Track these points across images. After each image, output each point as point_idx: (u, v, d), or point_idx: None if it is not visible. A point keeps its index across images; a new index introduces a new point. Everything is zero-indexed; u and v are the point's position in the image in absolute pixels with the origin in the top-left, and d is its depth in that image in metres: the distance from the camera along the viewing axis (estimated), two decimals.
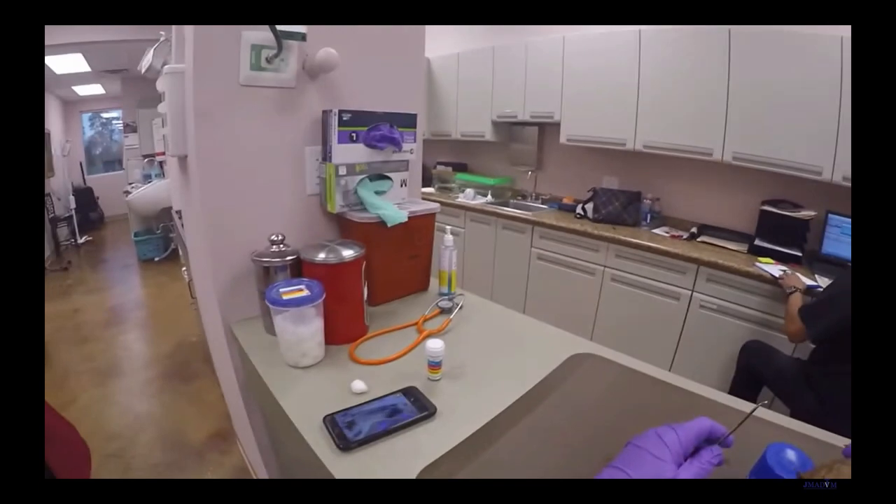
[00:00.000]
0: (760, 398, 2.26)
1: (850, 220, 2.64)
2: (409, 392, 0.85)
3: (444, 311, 1.23)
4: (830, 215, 2.72)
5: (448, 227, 1.35)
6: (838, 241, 2.73)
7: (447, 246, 1.24)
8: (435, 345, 0.89)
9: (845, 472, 0.53)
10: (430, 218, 1.34)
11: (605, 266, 2.80)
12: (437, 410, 0.80)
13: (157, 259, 5.26)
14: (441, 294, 1.26)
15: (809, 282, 2.26)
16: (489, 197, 3.53)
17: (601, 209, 2.97)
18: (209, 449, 2.13)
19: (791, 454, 0.59)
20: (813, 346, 1.99)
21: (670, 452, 0.54)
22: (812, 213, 2.70)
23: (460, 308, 1.24)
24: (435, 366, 0.90)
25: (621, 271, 2.75)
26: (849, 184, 2.42)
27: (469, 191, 3.60)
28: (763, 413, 0.97)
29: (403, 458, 0.71)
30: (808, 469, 0.57)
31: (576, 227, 2.87)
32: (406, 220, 1.20)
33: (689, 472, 0.53)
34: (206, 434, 2.23)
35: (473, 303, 1.32)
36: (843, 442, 0.91)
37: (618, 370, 1.02)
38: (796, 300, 2.01)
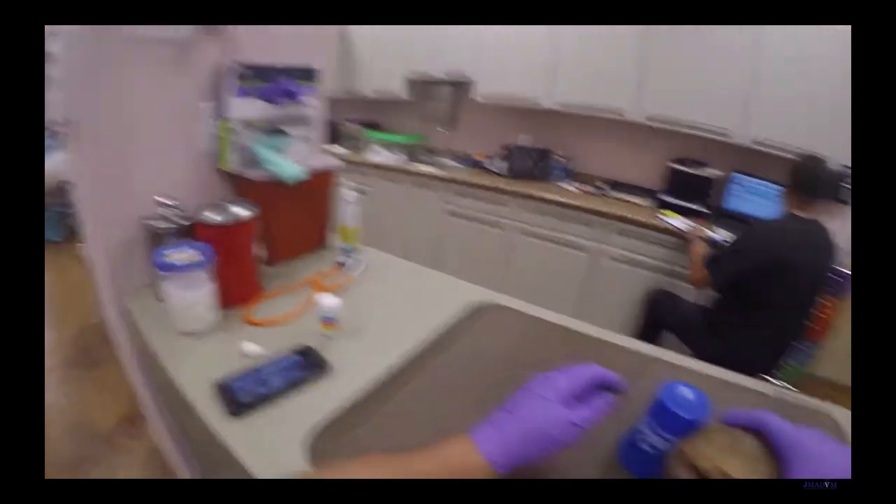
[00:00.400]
0: (666, 345, 2.41)
1: (754, 178, 2.84)
2: (304, 352, 0.82)
3: (344, 267, 1.18)
4: (735, 175, 2.89)
5: (348, 182, 1.30)
6: (741, 198, 2.90)
7: (348, 201, 1.19)
8: (328, 301, 0.85)
9: (731, 466, 0.49)
10: (330, 174, 1.27)
11: (515, 221, 2.80)
12: (332, 368, 0.78)
13: (58, 241, 4.73)
14: (342, 250, 1.22)
15: (711, 234, 2.41)
16: (400, 154, 3.47)
17: (514, 166, 2.96)
18: (119, 434, 2.01)
19: (685, 391, 0.60)
20: (716, 294, 2.14)
21: (557, 393, 0.53)
22: (717, 172, 2.85)
23: (361, 264, 1.20)
24: (329, 322, 0.87)
25: (531, 225, 2.77)
26: (756, 146, 2.56)
27: (379, 147, 3.54)
28: (666, 355, 1.01)
29: (296, 418, 0.68)
30: (704, 405, 0.59)
31: (487, 183, 2.83)
32: (305, 177, 1.13)
33: (580, 414, 0.53)
34: (115, 419, 2.09)
35: (375, 258, 1.27)
36: (743, 382, 0.94)
37: (523, 319, 1.02)
38: (699, 250, 2.12)
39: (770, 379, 2.97)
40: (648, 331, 2.42)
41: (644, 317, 2.43)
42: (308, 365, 0.79)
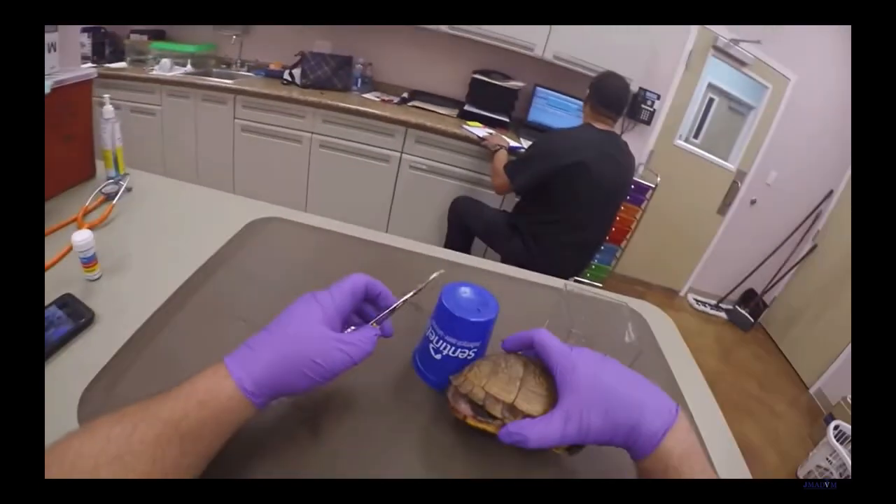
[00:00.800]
0: (473, 250, 2.42)
1: (555, 92, 2.90)
2: (64, 301, 0.68)
3: (110, 198, 0.96)
4: (538, 88, 2.94)
5: (106, 96, 1.01)
6: (543, 111, 2.99)
7: (107, 118, 0.98)
8: (80, 237, 0.71)
9: (493, 386, 0.52)
10: (84, 87, 0.97)
11: (313, 133, 2.62)
12: (96, 315, 0.66)
13: None
14: (109, 178, 1.00)
15: (513, 143, 2.43)
16: (189, 67, 3.02)
17: (310, 74, 2.73)
18: None
19: (466, 291, 0.60)
20: (517, 198, 2.16)
21: (323, 312, 0.47)
22: (521, 84, 2.88)
23: (127, 191, 0.99)
24: (88, 262, 0.73)
25: (331, 137, 2.62)
26: (558, 62, 2.64)
27: (165, 61, 3.01)
28: (469, 260, 1.02)
29: (62, 381, 0.56)
30: (487, 303, 0.60)
31: (282, 93, 2.57)
32: (48, 91, 0.84)
33: (348, 337, 0.47)
34: None
35: (145, 182, 1.06)
36: (543, 281, 0.99)
37: (310, 233, 0.97)
38: (501, 157, 2.14)
39: (581, 280, 3.20)
40: (458, 239, 2.41)
41: (450, 225, 2.40)
42: (69, 317, 0.66)
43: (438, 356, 0.60)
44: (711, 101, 3.34)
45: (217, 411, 0.41)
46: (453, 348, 0.58)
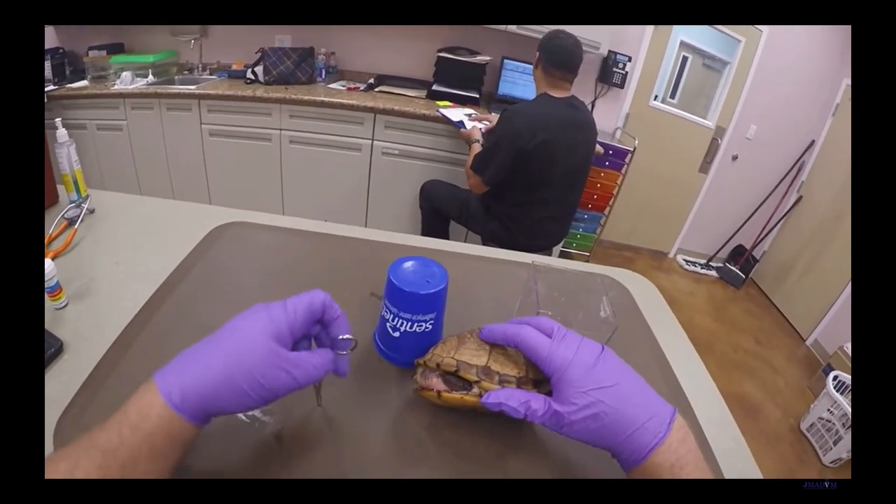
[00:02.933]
0: (454, 234, 2.38)
1: (523, 63, 2.84)
2: None
3: (72, 222, 0.93)
4: (506, 60, 2.89)
5: (58, 120, 0.98)
6: (513, 83, 2.94)
7: (61, 143, 0.95)
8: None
9: (463, 355, 0.52)
10: None
11: (281, 129, 2.57)
12: (64, 344, 0.63)
13: None
14: (71, 202, 0.96)
15: (488, 124, 2.30)
16: (150, 77, 2.94)
17: (272, 70, 2.65)
18: None
19: (410, 264, 0.59)
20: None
21: (273, 326, 0.42)
22: (487, 58, 2.82)
23: (90, 212, 0.96)
24: (52, 291, 0.70)
25: (299, 131, 2.57)
26: (522, 31, 2.59)
27: (126, 74, 2.93)
28: (440, 244, 1.00)
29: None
30: (436, 274, 0.58)
31: (245, 93, 2.50)
32: None
33: (294, 357, 0.42)
34: None
35: (107, 201, 1.02)
36: (517, 258, 0.97)
37: (273, 234, 0.94)
38: (473, 152, 2.01)
39: (567, 249, 3.17)
40: (434, 224, 2.36)
41: (423, 211, 2.36)
42: None
43: (397, 334, 0.59)
44: (685, 59, 3.29)
45: (149, 433, 0.37)
46: (410, 323, 0.57)
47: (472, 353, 0.51)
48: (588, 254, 3.27)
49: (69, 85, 2.78)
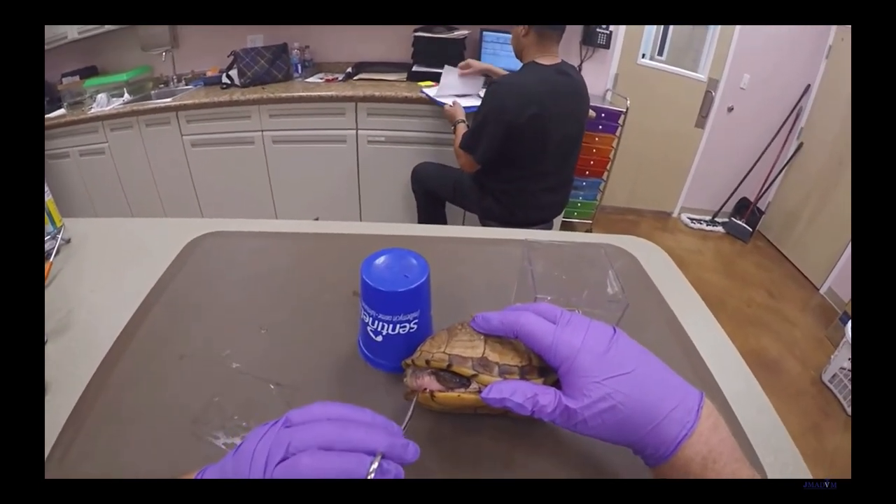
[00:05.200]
0: (449, 216, 2.33)
1: (502, 34, 2.76)
2: None
3: (48, 256, 0.88)
4: (484, 33, 2.81)
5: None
6: (495, 55, 2.87)
7: None
8: None
9: (454, 348, 0.46)
10: None
11: (262, 130, 2.51)
12: (46, 384, 0.59)
13: None
14: (46, 234, 0.92)
15: (469, 103, 2.23)
16: (126, 96, 2.87)
17: (247, 72, 2.58)
18: None
19: (383, 259, 0.53)
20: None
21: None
22: (466, 31, 2.74)
23: (66, 242, 0.92)
24: None
25: (281, 130, 2.52)
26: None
27: (101, 96, 2.87)
28: (426, 231, 0.95)
29: None
30: (415, 267, 0.52)
31: (222, 98, 2.44)
32: None
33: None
34: None
35: (82, 229, 0.98)
36: (516, 236, 0.90)
37: (250, 240, 0.89)
38: (459, 132, 1.95)
39: (568, 219, 3.11)
40: (428, 208, 2.31)
41: (417, 196, 2.30)
42: None
43: (379, 338, 0.53)
44: None
45: None
46: (391, 325, 0.51)
47: (465, 345, 0.46)
48: (590, 222, 3.21)
49: (47, 115, 2.74)
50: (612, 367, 0.39)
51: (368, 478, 0.31)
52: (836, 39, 3.11)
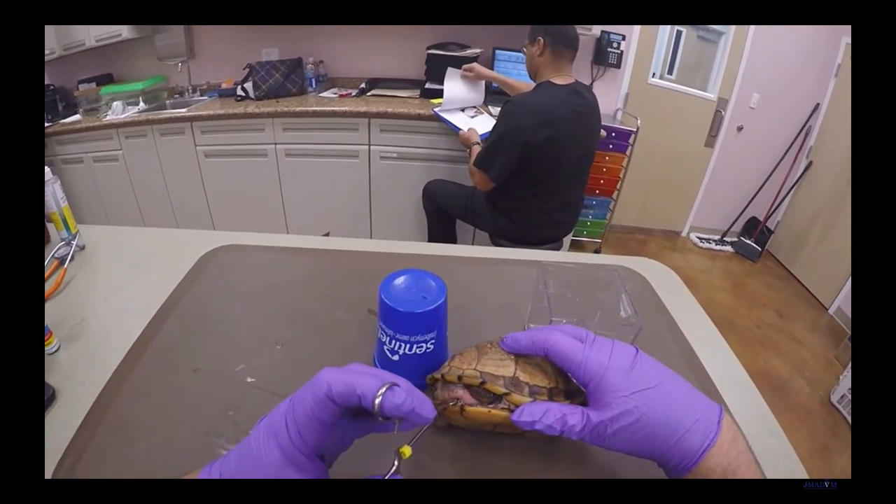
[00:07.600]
0: (461, 234, 2.34)
1: (515, 53, 2.79)
2: None
3: (63, 262, 0.91)
4: (497, 51, 2.84)
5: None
6: (506, 73, 2.88)
7: (46, 181, 0.93)
8: None
9: (484, 366, 0.47)
10: None
11: (276, 143, 2.54)
12: (56, 391, 0.60)
13: None
14: (61, 240, 0.94)
15: (483, 128, 2.23)
16: (141, 105, 2.92)
17: (262, 85, 2.63)
18: None
19: (402, 279, 0.54)
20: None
21: (291, 446, 0.35)
22: (478, 50, 2.77)
23: (80, 249, 0.94)
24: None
25: (295, 144, 2.54)
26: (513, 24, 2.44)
27: (117, 104, 2.92)
28: (439, 249, 0.96)
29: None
30: (433, 288, 0.53)
31: (237, 110, 2.48)
32: None
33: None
34: None
35: (96, 236, 0.99)
36: (527, 256, 0.91)
37: (263, 254, 0.90)
38: (473, 153, 1.95)
39: (578, 238, 3.11)
40: (439, 226, 2.31)
41: (428, 214, 2.31)
42: None
43: (396, 357, 0.54)
44: (679, 33, 3.21)
45: None
46: (408, 345, 0.52)
47: (496, 364, 0.47)
48: (599, 240, 3.21)
49: (63, 120, 2.78)
50: (638, 383, 0.41)
51: (376, 401, 0.34)
52: (844, 57, 3.12)
